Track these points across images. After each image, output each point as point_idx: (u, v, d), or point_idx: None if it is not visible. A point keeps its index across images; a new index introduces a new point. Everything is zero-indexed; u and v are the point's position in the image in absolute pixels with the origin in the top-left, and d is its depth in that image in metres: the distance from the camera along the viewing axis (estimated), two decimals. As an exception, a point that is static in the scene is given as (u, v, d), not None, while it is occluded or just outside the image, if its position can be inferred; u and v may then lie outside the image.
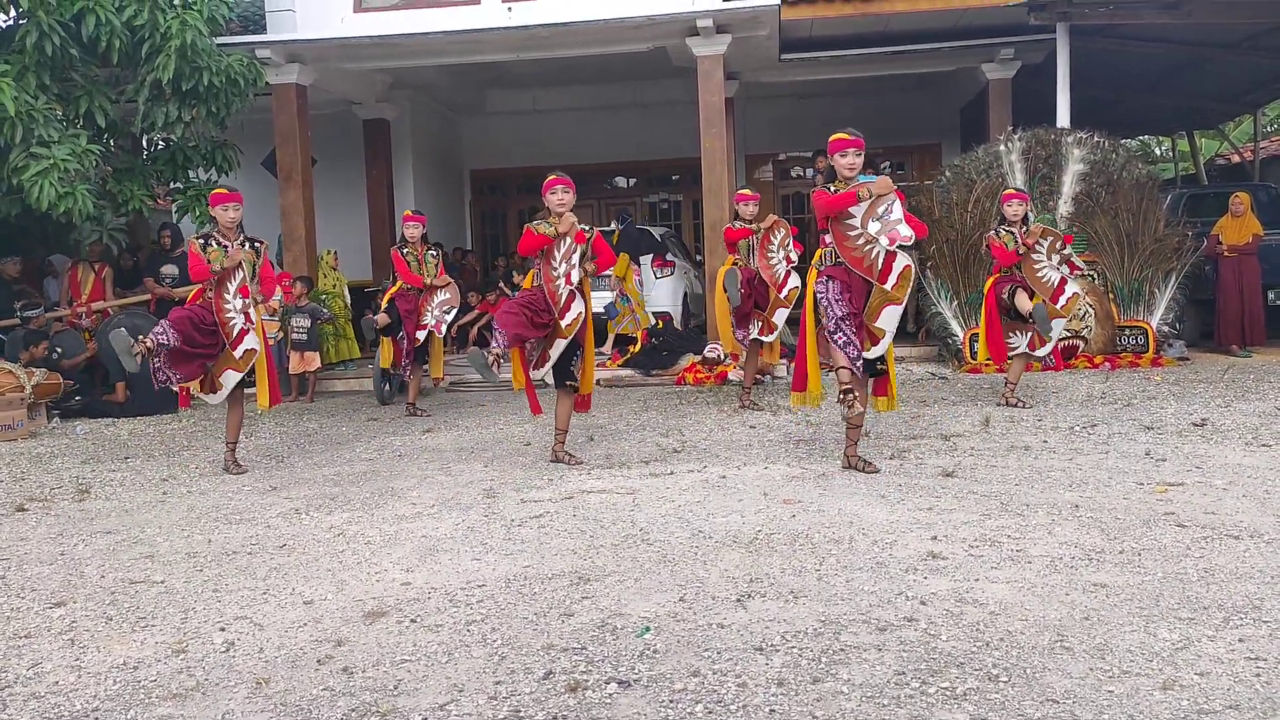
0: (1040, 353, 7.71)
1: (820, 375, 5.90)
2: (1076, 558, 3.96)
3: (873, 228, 5.34)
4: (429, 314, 8.72)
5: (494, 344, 6.03)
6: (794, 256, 7.94)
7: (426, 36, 10.78)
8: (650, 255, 11.89)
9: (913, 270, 5.41)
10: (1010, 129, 10.83)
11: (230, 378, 6.41)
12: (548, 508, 5.12)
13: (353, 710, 2.90)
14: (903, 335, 9.39)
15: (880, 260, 5.36)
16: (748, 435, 6.98)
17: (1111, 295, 10.12)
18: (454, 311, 8.95)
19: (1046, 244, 7.51)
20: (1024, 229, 7.54)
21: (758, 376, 9.58)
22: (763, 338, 8.10)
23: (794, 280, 7.84)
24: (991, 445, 6.26)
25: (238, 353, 6.34)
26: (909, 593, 3.63)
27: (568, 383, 6.20)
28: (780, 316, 7.97)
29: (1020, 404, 7.60)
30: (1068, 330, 9.86)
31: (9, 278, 10.72)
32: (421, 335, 8.72)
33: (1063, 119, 10.73)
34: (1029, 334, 7.60)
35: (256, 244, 6.51)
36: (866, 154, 5.59)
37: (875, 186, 5.38)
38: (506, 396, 9.58)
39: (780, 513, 4.83)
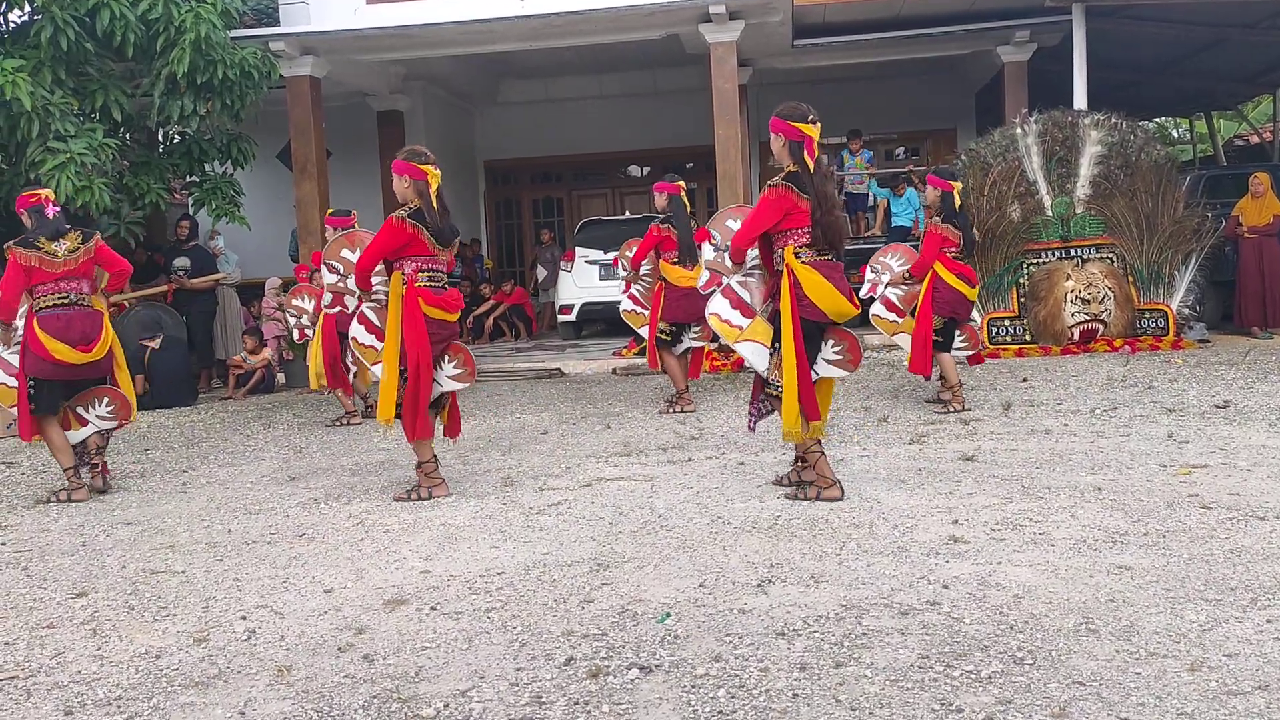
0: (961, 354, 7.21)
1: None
2: (1100, 540, 3.93)
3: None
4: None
5: None
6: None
7: (439, 27, 10.77)
8: None
9: (714, 322, 4.94)
10: (1026, 112, 10.73)
11: None
12: (566, 495, 5.12)
13: (374, 697, 2.90)
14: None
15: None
16: (765, 421, 6.92)
17: (1131, 278, 10.02)
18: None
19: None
20: (946, 221, 6.77)
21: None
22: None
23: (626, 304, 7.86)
24: (1012, 429, 6.21)
25: None
26: (931, 577, 3.60)
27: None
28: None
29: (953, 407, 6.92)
30: (1087, 314, 9.79)
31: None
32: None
33: (1080, 101, 10.61)
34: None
35: None
36: (882, 139, 4.80)
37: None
38: (523, 386, 9.58)
39: (799, 498, 4.80)
